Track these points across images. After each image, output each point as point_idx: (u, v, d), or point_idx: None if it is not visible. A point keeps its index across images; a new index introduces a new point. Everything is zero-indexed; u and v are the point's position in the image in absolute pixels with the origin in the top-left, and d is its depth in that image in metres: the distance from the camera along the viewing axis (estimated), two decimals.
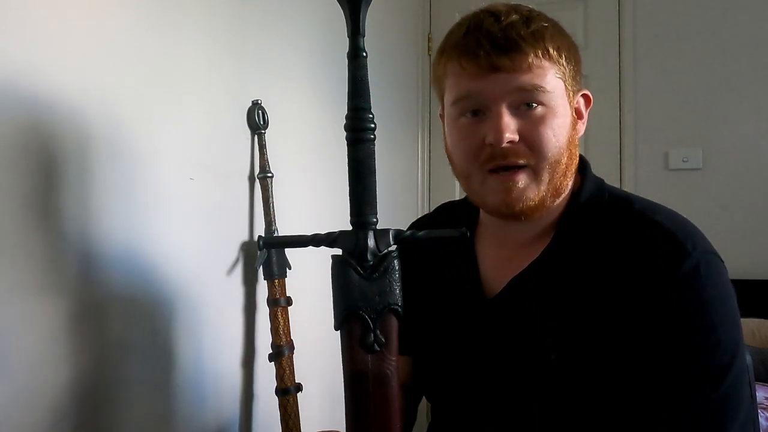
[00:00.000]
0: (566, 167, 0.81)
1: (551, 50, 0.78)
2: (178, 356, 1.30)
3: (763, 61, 2.51)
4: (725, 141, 2.55)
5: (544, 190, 0.80)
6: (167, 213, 1.27)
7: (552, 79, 0.78)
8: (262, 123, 1.52)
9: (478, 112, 0.80)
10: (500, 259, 0.88)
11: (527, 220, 0.82)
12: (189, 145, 1.34)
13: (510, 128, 0.77)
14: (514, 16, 0.79)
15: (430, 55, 2.82)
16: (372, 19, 2.32)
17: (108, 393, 1.12)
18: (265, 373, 1.52)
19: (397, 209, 2.50)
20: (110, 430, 1.12)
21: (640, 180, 2.61)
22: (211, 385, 1.40)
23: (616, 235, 0.80)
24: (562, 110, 0.80)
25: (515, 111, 0.78)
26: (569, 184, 0.85)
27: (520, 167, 0.79)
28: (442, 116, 0.90)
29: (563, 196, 0.85)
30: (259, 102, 1.52)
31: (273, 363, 1.48)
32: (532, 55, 0.77)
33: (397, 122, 2.53)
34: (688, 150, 2.60)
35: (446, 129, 0.87)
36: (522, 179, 0.79)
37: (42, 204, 1.01)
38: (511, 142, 0.78)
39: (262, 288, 1.53)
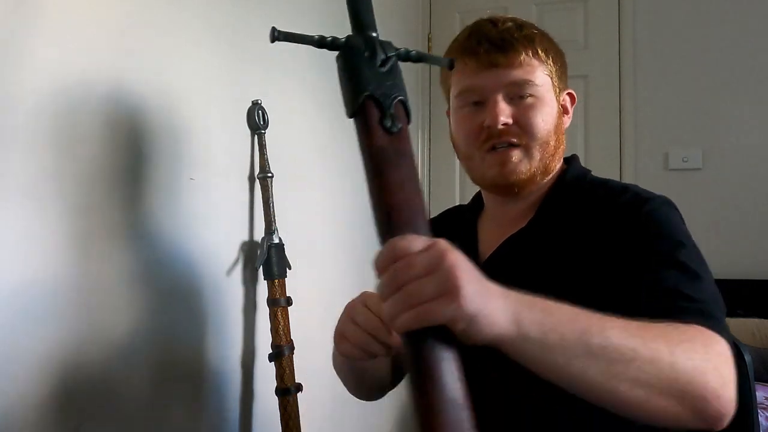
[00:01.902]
0: (555, 149, 0.95)
1: (540, 51, 0.93)
2: (178, 356, 1.30)
3: (763, 62, 2.51)
4: (725, 141, 2.54)
5: (536, 167, 0.93)
6: (167, 213, 1.27)
7: (540, 75, 0.93)
8: (262, 123, 1.52)
9: (478, 103, 0.94)
10: (495, 233, 1.00)
11: (520, 192, 0.95)
12: (189, 145, 1.34)
13: (504, 113, 0.91)
14: (510, 24, 0.94)
15: None
16: None
17: (108, 392, 1.12)
18: (265, 373, 1.52)
19: None
20: (110, 430, 1.12)
21: (640, 180, 2.61)
22: (211, 385, 1.40)
23: (594, 202, 0.93)
24: (549, 101, 0.94)
25: (509, 100, 0.92)
26: (557, 166, 0.98)
27: (514, 145, 0.92)
28: (448, 113, 1.03)
29: (551, 175, 0.98)
30: (259, 102, 1.52)
31: (273, 363, 1.48)
32: (523, 53, 0.91)
33: None
34: (688, 150, 2.59)
35: (452, 119, 1.00)
36: (516, 155, 0.92)
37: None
38: (505, 124, 0.91)
39: (262, 288, 1.53)
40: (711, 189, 2.53)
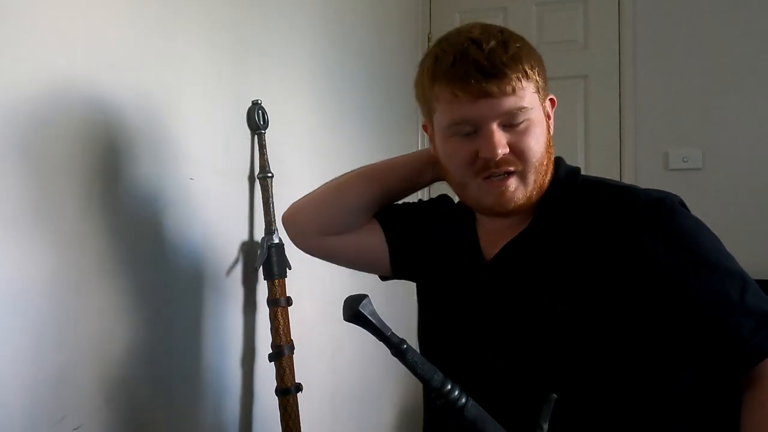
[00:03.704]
0: (546, 166, 0.95)
1: (528, 70, 0.89)
2: (177, 356, 1.30)
3: (763, 62, 2.51)
4: (725, 141, 2.54)
5: (530, 190, 0.92)
6: (167, 213, 1.27)
7: (530, 96, 0.90)
8: (262, 123, 1.52)
9: (469, 132, 0.91)
10: (494, 234, 1.00)
11: (516, 216, 0.95)
12: (189, 145, 1.34)
13: (501, 143, 0.88)
14: (493, 42, 0.88)
15: None
16: (372, 19, 2.32)
17: (107, 393, 1.12)
18: (265, 373, 1.52)
19: None
20: (110, 430, 1.12)
21: (640, 180, 2.61)
22: (211, 385, 1.40)
23: (595, 202, 0.93)
24: (540, 120, 0.92)
25: (503, 127, 0.89)
26: (548, 178, 0.97)
27: (510, 173, 0.91)
28: (425, 127, 1.03)
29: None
30: (259, 102, 1.52)
31: (273, 363, 1.48)
32: (514, 78, 0.87)
33: (397, 122, 2.53)
34: (688, 150, 2.59)
35: (438, 143, 0.97)
36: (512, 183, 0.91)
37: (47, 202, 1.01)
38: (503, 154, 0.89)
39: (262, 288, 1.53)
40: (711, 189, 2.53)
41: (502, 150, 0.88)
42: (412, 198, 1.15)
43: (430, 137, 1.02)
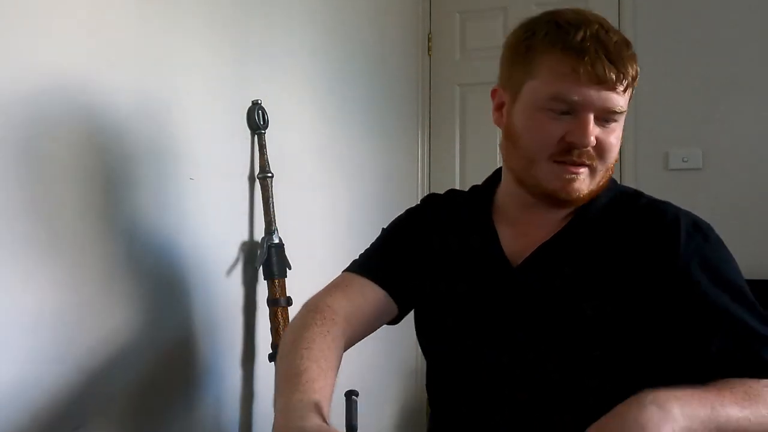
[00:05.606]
0: (611, 171, 0.94)
1: (636, 76, 0.92)
2: (177, 356, 1.30)
3: (763, 61, 2.51)
4: (725, 141, 2.54)
5: (595, 186, 0.92)
6: (167, 213, 1.27)
7: (627, 102, 0.92)
8: (262, 123, 1.52)
9: (565, 112, 0.88)
10: (517, 236, 0.97)
11: (570, 206, 0.93)
12: (189, 145, 1.34)
13: (593, 134, 0.88)
14: (616, 37, 0.90)
15: (430, 56, 2.80)
16: (372, 19, 2.33)
17: (108, 393, 1.12)
18: (265, 373, 1.52)
19: (395, 209, 2.49)
20: (110, 430, 1.12)
21: (640, 180, 2.60)
22: (211, 385, 1.40)
23: (632, 212, 0.93)
24: (622, 125, 0.93)
25: (596, 120, 0.89)
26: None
27: (585, 165, 0.90)
28: (494, 93, 0.97)
29: None
30: (259, 102, 1.52)
31: (273, 363, 1.48)
32: (630, 78, 0.90)
33: (397, 122, 2.53)
34: (688, 150, 2.59)
35: (519, 113, 0.92)
36: (583, 174, 0.90)
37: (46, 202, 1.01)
38: (591, 146, 0.89)
39: (262, 288, 1.53)
40: (711, 189, 2.52)
41: (593, 140, 0.88)
42: (406, 201, 1.13)
43: (497, 105, 0.96)
